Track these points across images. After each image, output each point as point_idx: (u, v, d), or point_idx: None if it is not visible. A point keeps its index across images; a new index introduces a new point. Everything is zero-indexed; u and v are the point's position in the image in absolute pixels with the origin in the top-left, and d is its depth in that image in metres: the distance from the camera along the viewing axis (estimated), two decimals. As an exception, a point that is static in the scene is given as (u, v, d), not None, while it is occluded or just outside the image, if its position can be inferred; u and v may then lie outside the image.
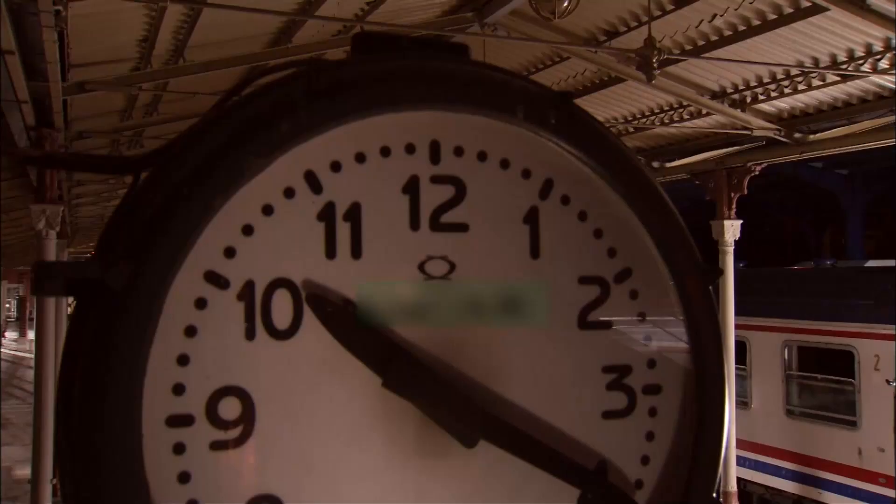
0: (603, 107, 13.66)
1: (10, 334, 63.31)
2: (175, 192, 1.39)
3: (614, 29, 10.44)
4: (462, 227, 1.62)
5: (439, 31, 9.92)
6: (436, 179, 1.60)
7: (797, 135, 12.46)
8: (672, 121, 13.41)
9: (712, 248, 14.28)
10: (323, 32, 10.28)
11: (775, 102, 12.11)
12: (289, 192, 1.50)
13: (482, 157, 1.64)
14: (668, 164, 14.83)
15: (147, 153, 1.51)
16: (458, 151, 1.62)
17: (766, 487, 17.25)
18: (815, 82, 11.16)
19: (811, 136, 12.36)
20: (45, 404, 19.39)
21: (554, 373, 1.67)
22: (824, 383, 16.31)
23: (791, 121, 12.46)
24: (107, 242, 1.40)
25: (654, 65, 9.08)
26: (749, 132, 12.51)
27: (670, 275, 1.71)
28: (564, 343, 1.69)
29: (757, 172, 13.51)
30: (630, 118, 13.82)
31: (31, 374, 22.49)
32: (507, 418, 1.59)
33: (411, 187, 1.58)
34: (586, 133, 1.65)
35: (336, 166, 1.54)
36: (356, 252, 1.55)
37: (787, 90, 11.61)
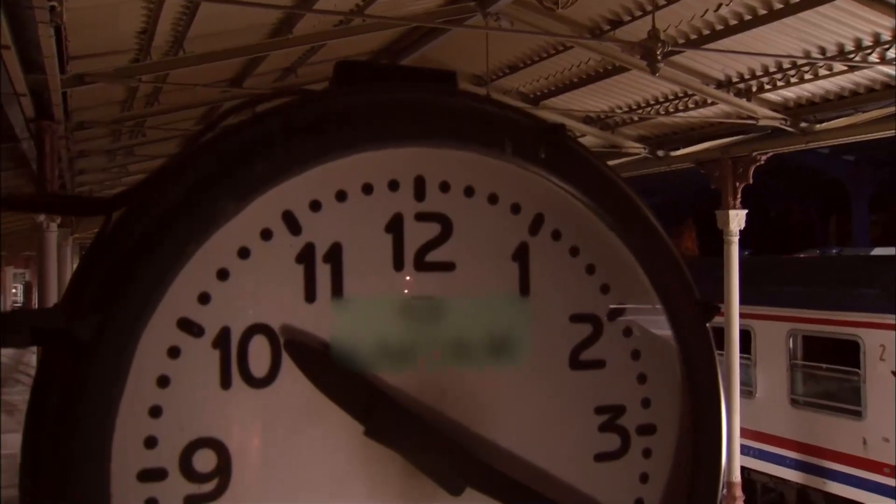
0: (606, 96, 13.55)
1: (17, 319, 63.34)
2: (145, 239, 1.32)
3: (618, 18, 10.32)
4: (448, 266, 1.56)
5: (440, 21, 9.81)
6: (421, 217, 1.54)
7: (803, 124, 12.34)
8: (677, 110, 13.30)
9: (717, 238, 14.20)
10: (324, 22, 10.18)
11: (781, 92, 11.99)
12: (266, 234, 1.44)
13: (469, 192, 1.58)
14: (673, 153, 14.71)
15: (118, 194, 1.44)
16: (444, 187, 1.56)
17: (771, 476, 17.23)
18: (822, 72, 11.04)
19: (818, 126, 12.24)
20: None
21: (544, 415, 1.61)
22: (829, 373, 16.25)
23: (797, 110, 12.33)
24: (75, 289, 1.34)
25: (658, 57, 8.97)
26: (755, 121, 12.39)
27: (666, 311, 1.64)
28: (555, 384, 1.63)
29: (762, 162, 13.40)
30: (634, 107, 13.70)
31: (35, 360, 22.56)
32: (494, 463, 1.54)
33: (395, 226, 1.52)
34: (578, 167, 1.58)
35: (315, 205, 1.47)
36: (337, 294, 1.49)
37: (793, 80, 11.49)
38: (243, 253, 1.43)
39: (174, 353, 1.38)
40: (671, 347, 1.66)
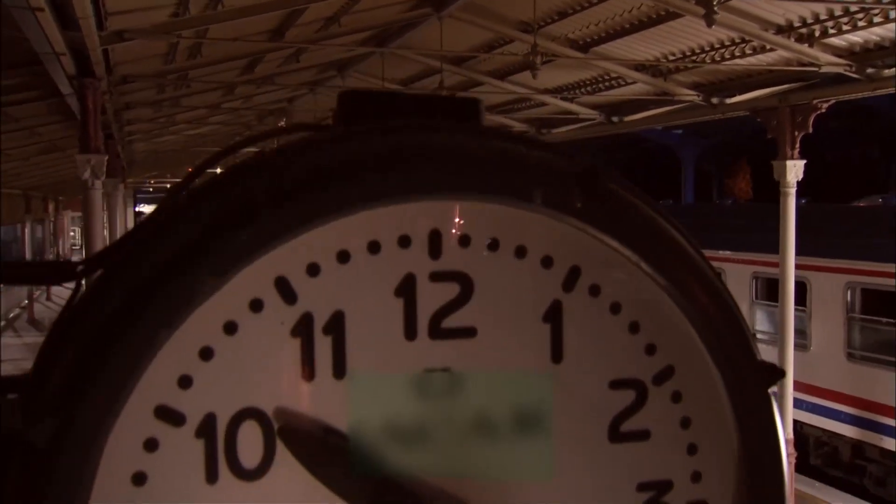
0: (659, 43, 13.02)
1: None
2: (111, 325, 1.14)
3: (673, -38, 9.81)
4: (469, 332, 1.35)
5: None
6: (436, 277, 1.33)
7: (870, 70, 11.70)
8: (733, 56, 12.72)
9: (774, 189, 13.69)
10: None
11: (847, 36, 11.36)
12: (256, 305, 1.25)
13: (493, 245, 1.36)
14: (728, 101, 14.15)
15: (91, 257, 1.26)
16: (464, 241, 1.34)
17: (824, 431, 16.92)
18: (893, 14, 10.40)
19: (885, 72, 11.60)
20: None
21: (579, 495, 1.42)
22: (888, 327, 15.75)
23: (864, 55, 11.70)
24: (35, 383, 1.17)
25: (715, 4, 8.50)
26: (816, 68, 11.79)
27: (721, 375, 1.42)
28: (592, 460, 1.42)
29: (823, 110, 12.79)
30: (688, 53, 13.15)
31: None
32: None
33: (406, 288, 1.31)
34: (620, 215, 1.35)
35: (314, 269, 1.27)
36: (339, 371, 1.29)
37: (861, 23, 10.86)
38: (230, 328, 1.24)
39: (151, 445, 1.21)
40: (727, 414, 1.44)
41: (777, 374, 1.45)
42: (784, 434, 1.50)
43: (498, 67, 15.90)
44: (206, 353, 1.23)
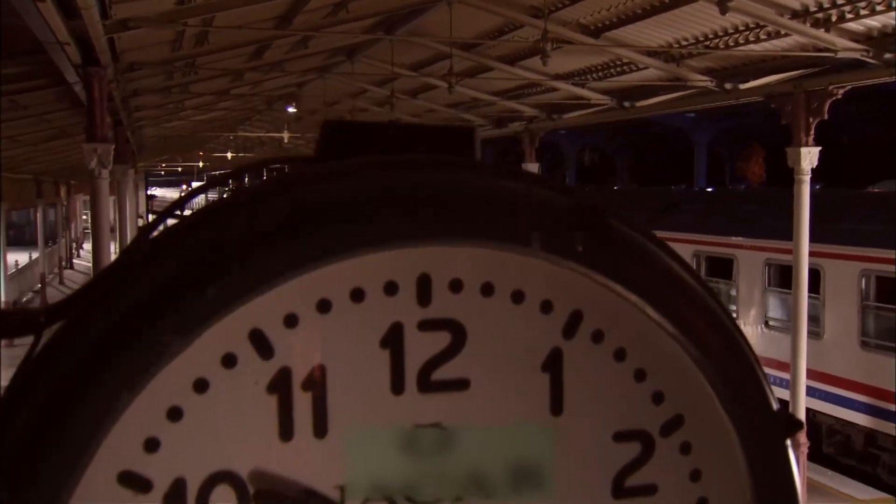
0: (672, 28, 12.82)
1: (88, 246, 65.33)
2: (68, 388, 1.05)
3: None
4: (461, 384, 1.25)
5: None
6: (425, 325, 1.23)
7: (887, 55, 11.47)
8: (747, 41, 12.50)
9: (787, 173, 13.50)
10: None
11: (865, 21, 11.13)
12: (229, 360, 1.15)
13: (487, 290, 1.25)
14: (742, 86, 13.93)
15: (52, 306, 1.17)
16: (456, 286, 1.24)
17: (837, 419, 16.79)
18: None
19: (904, 57, 11.37)
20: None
21: (580, 556, 1.32)
22: (903, 315, 15.58)
23: (882, 40, 11.46)
24: (-14, 449, 1.07)
25: (730, -9, 8.31)
26: (833, 53, 11.57)
27: (734, 426, 1.32)
28: (595, 517, 1.32)
29: (839, 96, 12.56)
30: (701, 39, 12.94)
31: None
32: None
33: (393, 339, 1.21)
34: (624, 258, 1.25)
35: (291, 320, 1.17)
36: (320, 430, 1.20)
37: (879, 7, 10.64)
38: (200, 386, 1.14)
39: None
40: (741, 467, 1.34)
41: (795, 425, 1.35)
42: (798, 482, 1.40)
43: (508, 52, 15.72)
44: (175, 414, 1.14)
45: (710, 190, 32.09)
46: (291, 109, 24.20)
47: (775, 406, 1.35)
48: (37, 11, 7.09)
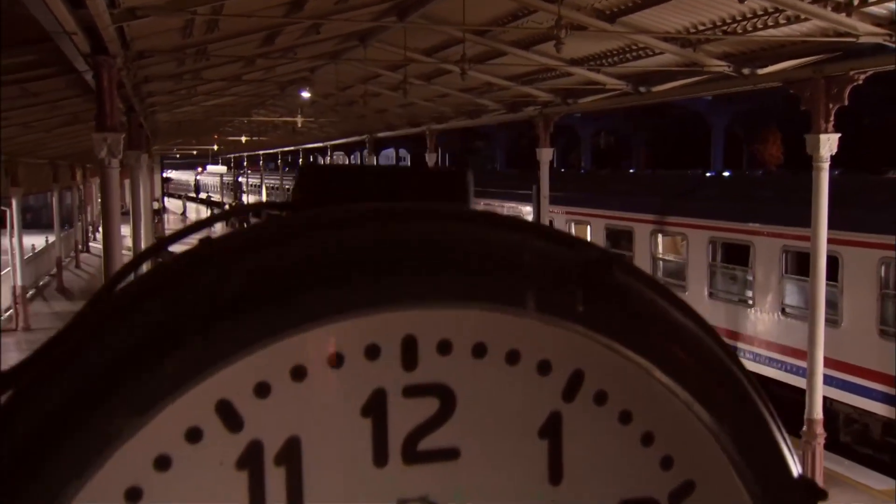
0: (689, 12, 12.59)
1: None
2: (11, 475, 0.95)
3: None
4: (450, 454, 1.15)
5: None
6: (411, 391, 1.12)
7: (910, 40, 11.22)
8: (766, 26, 12.25)
9: (805, 155, 13.26)
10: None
11: (888, 4, 10.87)
12: (193, 435, 1.05)
13: (479, 351, 1.15)
14: (760, 71, 13.69)
15: (7, 372, 1.06)
16: (444, 348, 1.13)
17: (854, 408, 16.62)
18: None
19: (927, 42, 11.11)
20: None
21: None
22: (923, 304, 15.35)
23: (904, 24, 11.20)
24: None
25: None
26: (854, 38, 11.32)
27: (750, 494, 1.21)
28: None
29: (860, 82, 12.31)
30: (719, 23, 12.70)
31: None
32: None
33: (375, 406, 1.11)
34: (630, 317, 1.13)
35: (262, 390, 1.07)
36: None
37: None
38: (162, 463, 1.04)
39: None
40: None
41: (818, 494, 1.23)
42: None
43: (522, 37, 15.52)
44: (134, 495, 1.04)
45: (725, 175, 31.75)
46: (306, 94, 24.09)
47: (797, 473, 1.24)
48: (42, 2, 7.00)
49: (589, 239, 24.95)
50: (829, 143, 12.67)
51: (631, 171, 44.57)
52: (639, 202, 22.94)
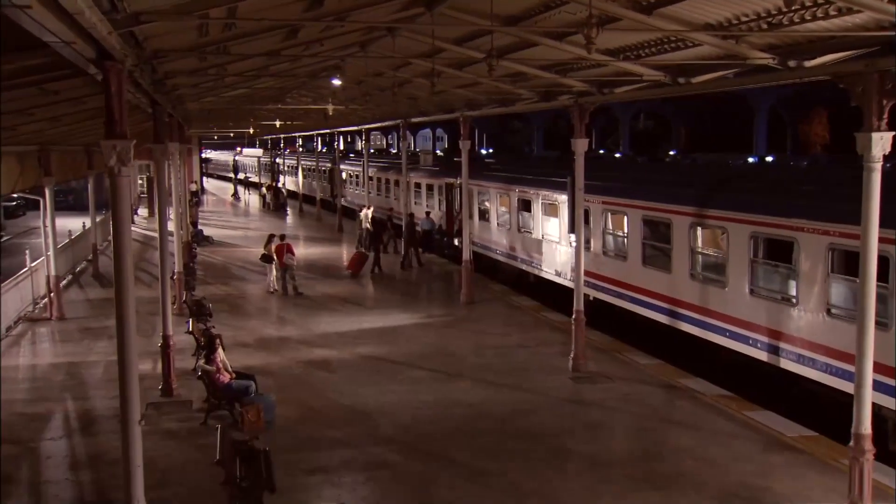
0: (731, 3, 11.83)
1: (143, 211, 65.79)
2: None
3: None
4: None
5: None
6: None
7: (980, 32, 10.35)
8: (814, 18, 11.45)
9: (849, 126, 12.37)
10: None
11: (955, -6, 10.02)
12: None
13: None
14: (807, 64, 12.88)
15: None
16: None
17: (905, 415, 15.82)
18: None
19: None
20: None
21: None
22: (982, 308, 14.47)
23: (971, 16, 10.33)
24: None
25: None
26: (911, 31, 10.49)
27: None
28: None
29: (917, 77, 11.44)
30: (763, 14, 11.92)
31: (157, 255, 22.48)
32: None
33: None
34: None
35: None
36: None
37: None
38: None
39: None
40: None
41: None
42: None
43: (554, 27, 14.83)
44: None
45: (769, 160, 30.67)
46: (337, 82, 23.61)
47: None
48: (28, 16, 6.57)
49: (626, 230, 24.19)
50: (882, 142, 11.84)
51: (672, 152, 43.49)
52: (677, 193, 22.17)
